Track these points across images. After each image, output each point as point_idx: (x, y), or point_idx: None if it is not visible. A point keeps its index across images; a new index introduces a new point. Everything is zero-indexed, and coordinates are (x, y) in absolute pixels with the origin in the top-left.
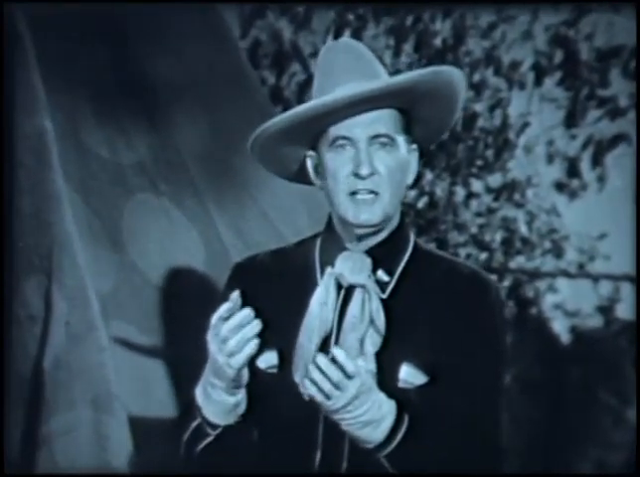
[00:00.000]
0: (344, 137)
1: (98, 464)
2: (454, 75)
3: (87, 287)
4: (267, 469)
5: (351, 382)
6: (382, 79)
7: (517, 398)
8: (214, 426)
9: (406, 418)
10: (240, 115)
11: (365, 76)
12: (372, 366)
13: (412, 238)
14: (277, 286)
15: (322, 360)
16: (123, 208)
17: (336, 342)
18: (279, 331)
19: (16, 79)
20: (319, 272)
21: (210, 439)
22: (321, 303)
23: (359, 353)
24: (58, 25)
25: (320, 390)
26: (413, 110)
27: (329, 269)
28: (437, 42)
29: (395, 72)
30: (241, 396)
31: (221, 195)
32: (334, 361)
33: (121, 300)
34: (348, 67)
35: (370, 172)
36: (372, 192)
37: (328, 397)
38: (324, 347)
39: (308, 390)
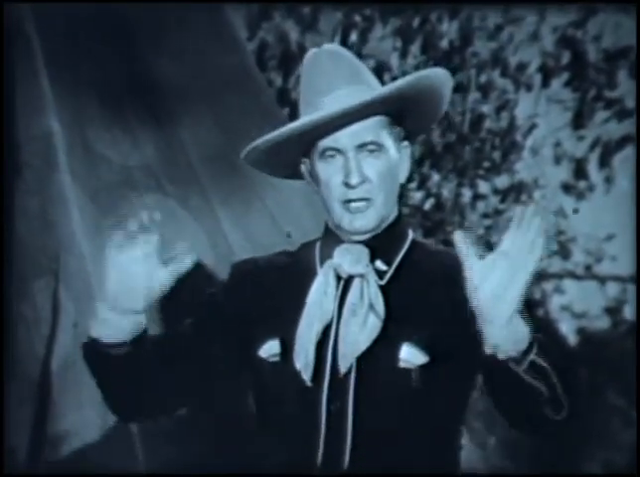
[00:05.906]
0: (332, 148)
1: (104, 465)
2: (438, 76)
3: (95, 288)
4: (269, 459)
5: None
6: (367, 92)
7: None
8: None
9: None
10: (246, 117)
11: (349, 82)
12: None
13: (410, 233)
14: (278, 279)
15: None
16: (130, 208)
17: (336, 331)
18: (281, 321)
19: (24, 80)
20: (319, 266)
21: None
22: (321, 293)
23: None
24: (65, 27)
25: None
26: (402, 112)
27: (328, 261)
28: (444, 43)
29: (401, 73)
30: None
31: (227, 195)
32: None
33: None
34: (331, 74)
35: (360, 180)
36: (364, 199)
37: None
38: (324, 336)
39: None
